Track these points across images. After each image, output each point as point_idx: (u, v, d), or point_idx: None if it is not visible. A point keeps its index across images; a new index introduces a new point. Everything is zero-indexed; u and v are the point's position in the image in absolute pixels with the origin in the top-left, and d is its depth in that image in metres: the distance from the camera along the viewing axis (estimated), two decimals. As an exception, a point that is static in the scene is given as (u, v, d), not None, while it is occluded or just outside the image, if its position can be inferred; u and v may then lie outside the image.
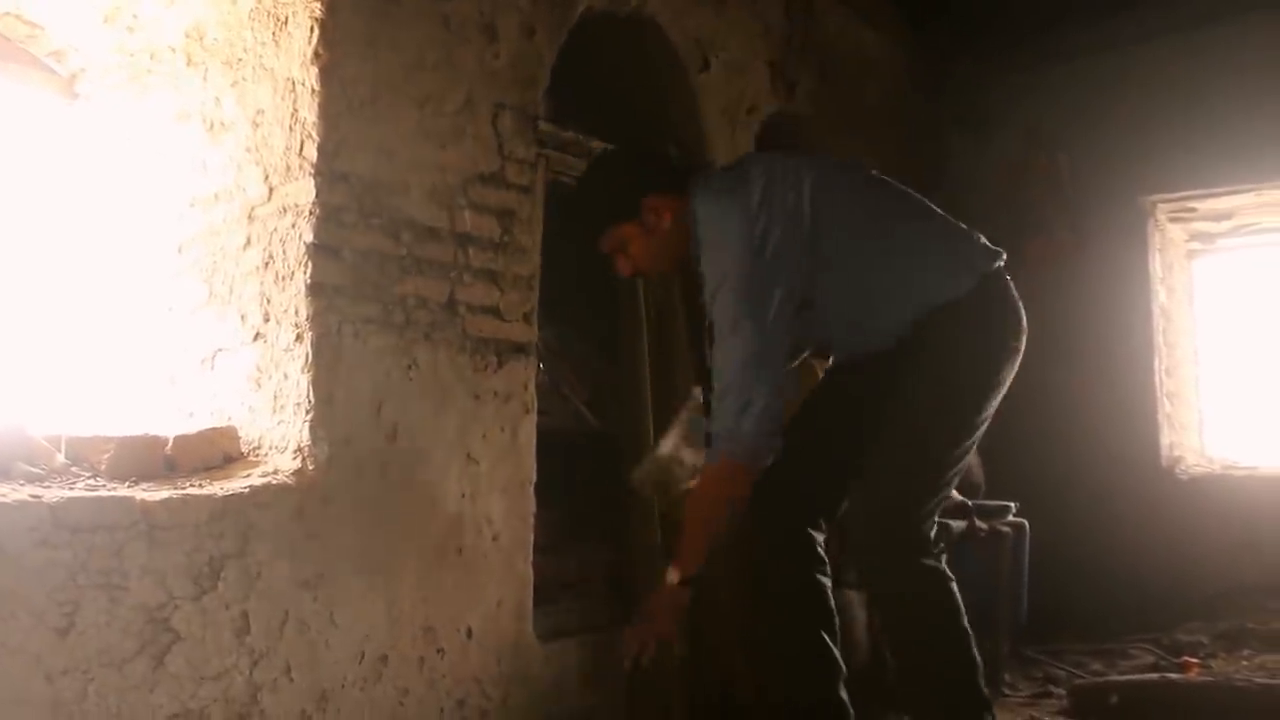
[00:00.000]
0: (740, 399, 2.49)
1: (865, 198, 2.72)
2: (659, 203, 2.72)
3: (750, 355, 2.51)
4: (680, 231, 2.72)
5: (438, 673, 2.64)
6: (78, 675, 1.95)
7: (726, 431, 2.52)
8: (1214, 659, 4.06)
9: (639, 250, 2.76)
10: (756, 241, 2.53)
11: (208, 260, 2.61)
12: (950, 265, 2.64)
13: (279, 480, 2.34)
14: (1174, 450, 5.35)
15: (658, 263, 2.81)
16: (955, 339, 2.58)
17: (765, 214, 2.55)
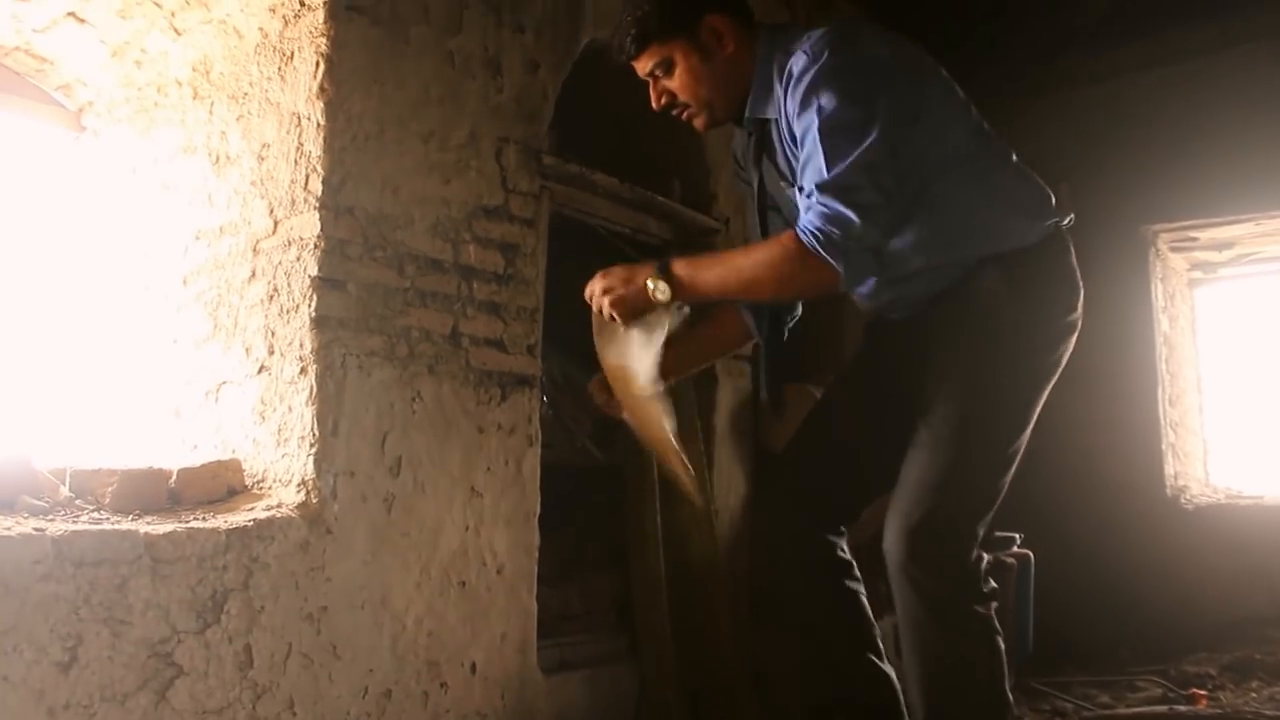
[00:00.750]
0: (854, 195, 2.08)
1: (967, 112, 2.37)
2: (723, 25, 2.34)
3: (875, 160, 2.10)
4: (740, 73, 2.35)
5: (441, 708, 2.62)
6: (80, 710, 1.94)
7: (838, 227, 2.08)
8: (1222, 690, 4.04)
9: (687, 74, 2.34)
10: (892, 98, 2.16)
11: (213, 293, 2.62)
12: (1023, 209, 2.31)
13: (283, 513, 2.34)
14: (1179, 479, 5.34)
15: (707, 93, 2.37)
16: (1012, 294, 2.25)
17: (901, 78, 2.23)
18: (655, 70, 2.37)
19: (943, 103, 2.31)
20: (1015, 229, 2.28)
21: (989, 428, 2.27)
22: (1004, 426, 2.29)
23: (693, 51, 2.34)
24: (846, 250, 2.09)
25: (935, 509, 2.20)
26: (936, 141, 2.25)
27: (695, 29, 2.33)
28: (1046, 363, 2.38)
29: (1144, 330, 5.36)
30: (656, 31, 2.33)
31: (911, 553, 2.21)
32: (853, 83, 2.16)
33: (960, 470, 2.23)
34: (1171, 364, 5.49)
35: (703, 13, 2.34)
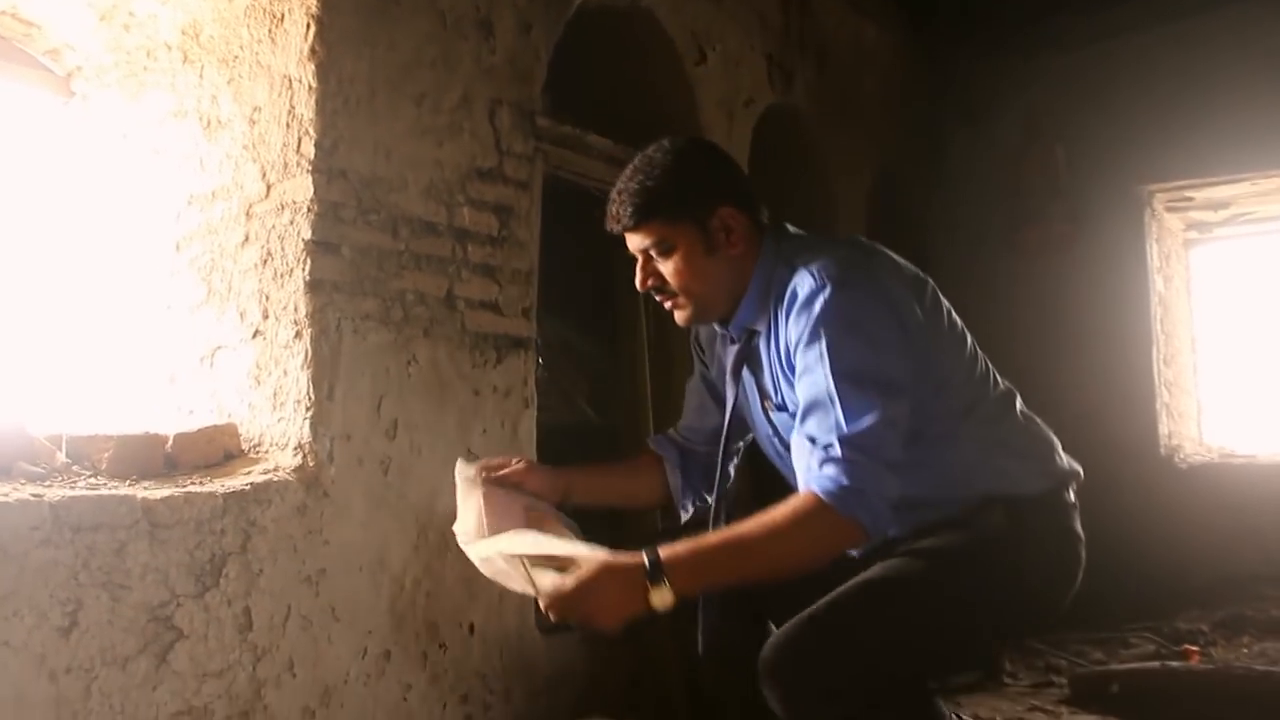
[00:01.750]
0: (882, 452, 1.92)
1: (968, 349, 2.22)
2: (736, 220, 2.13)
3: (897, 416, 1.96)
4: (741, 274, 2.15)
5: (440, 668, 2.64)
6: (81, 674, 1.95)
7: (869, 484, 1.91)
8: (1214, 646, 4.08)
9: (685, 264, 2.12)
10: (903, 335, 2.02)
11: (206, 258, 2.61)
12: (1026, 457, 2.16)
13: (280, 477, 2.35)
14: (1172, 439, 5.37)
15: (701, 289, 2.15)
16: (1018, 539, 2.07)
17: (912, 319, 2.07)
18: (651, 249, 2.14)
19: (947, 340, 2.17)
20: (1018, 475, 2.12)
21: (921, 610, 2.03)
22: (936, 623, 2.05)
23: (698, 241, 2.11)
24: (874, 507, 1.91)
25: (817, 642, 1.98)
26: (941, 383, 2.11)
27: (706, 217, 2.10)
28: (1034, 607, 2.19)
29: (1139, 290, 5.37)
30: (663, 210, 2.09)
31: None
32: (868, 325, 1.99)
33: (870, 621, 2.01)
34: (1166, 324, 5.50)
35: (719, 202, 2.11)
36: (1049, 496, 2.14)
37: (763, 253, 2.16)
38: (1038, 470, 2.15)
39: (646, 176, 2.11)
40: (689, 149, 2.17)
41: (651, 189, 2.09)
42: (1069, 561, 2.18)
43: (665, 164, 2.11)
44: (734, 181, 2.20)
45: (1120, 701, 3.40)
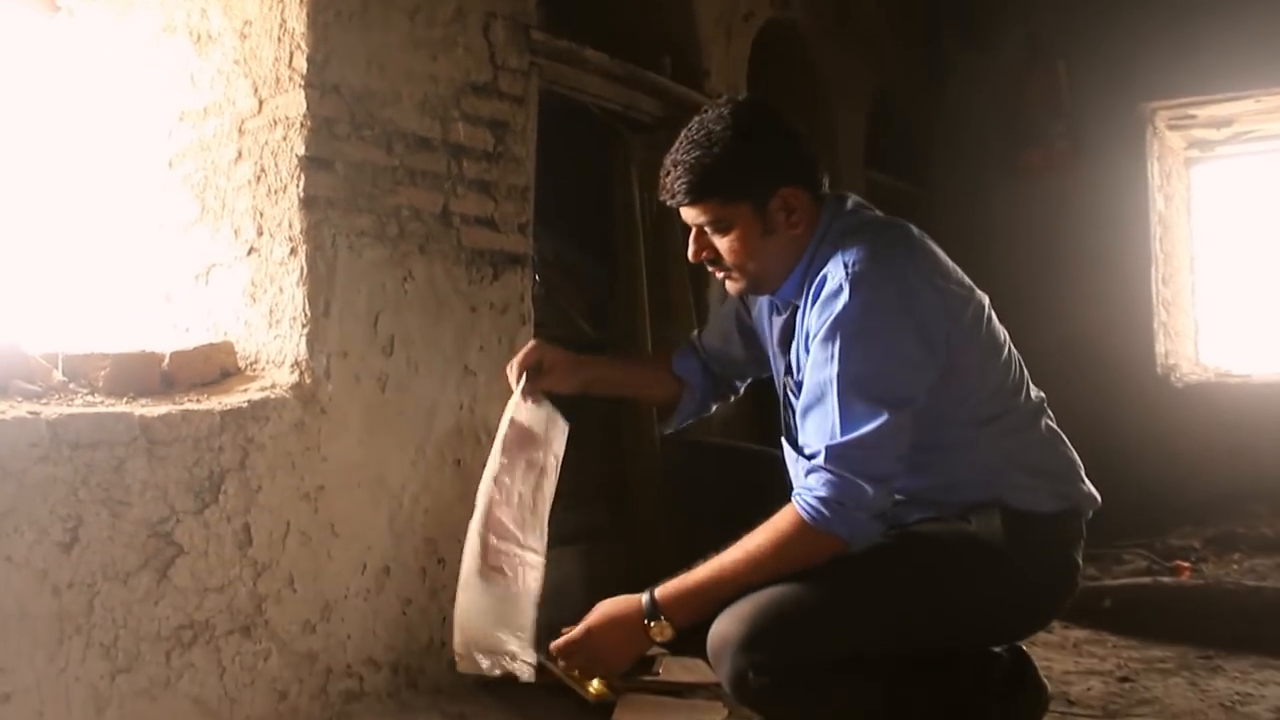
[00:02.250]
0: (871, 466, 1.93)
1: (1002, 358, 2.17)
2: (797, 200, 2.08)
3: (896, 430, 1.94)
4: (797, 251, 2.11)
5: (439, 583, 2.67)
6: (83, 589, 1.97)
7: (848, 499, 1.93)
8: (1205, 563, 4.12)
9: (742, 243, 2.09)
10: (927, 335, 2.00)
11: (199, 175, 2.58)
12: (1042, 475, 2.13)
13: (277, 394, 2.35)
14: (1169, 358, 5.38)
15: (757, 267, 2.12)
16: (1014, 549, 2.04)
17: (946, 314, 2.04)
18: (707, 225, 2.10)
19: (981, 350, 2.12)
20: (1030, 491, 2.09)
21: (897, 597, 2.03)
22: (909, 610, 2.04)
23: (756, 221, 2.07)
24: (853, 520, 1.93)
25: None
26: (967, 392, 2.08)
27: (766, 199, 2.06)
28: (1008, 621, 2.15)
29: (1139, 210, 5.35)
30: (721, 189, 2.05)
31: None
32: (884, 332, 1.95)
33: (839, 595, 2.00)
34: (1165, 243, 5.48)
35: (781, 183, 2.06)
36: (1057, 518, 2.11)
37: (819, 227, 2.11)
38: (1050, 490, 2.11)
39: (705, 152, 2.04)
40: (749, 122, 2.06)
41: (709, 167, 2.03)
42: (1059, 588, 2.16)
43: (724, 138, 2.03)
44: (797, 158, 2.11)
45: (1112, 616, 3.44)
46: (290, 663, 2.33)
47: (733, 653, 1.95)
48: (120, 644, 2.02)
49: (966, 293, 2.13)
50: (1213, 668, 3.01)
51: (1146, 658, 3.13)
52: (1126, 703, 2.72)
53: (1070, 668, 3.03)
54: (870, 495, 1.92)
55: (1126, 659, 3.12)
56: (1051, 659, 3.07)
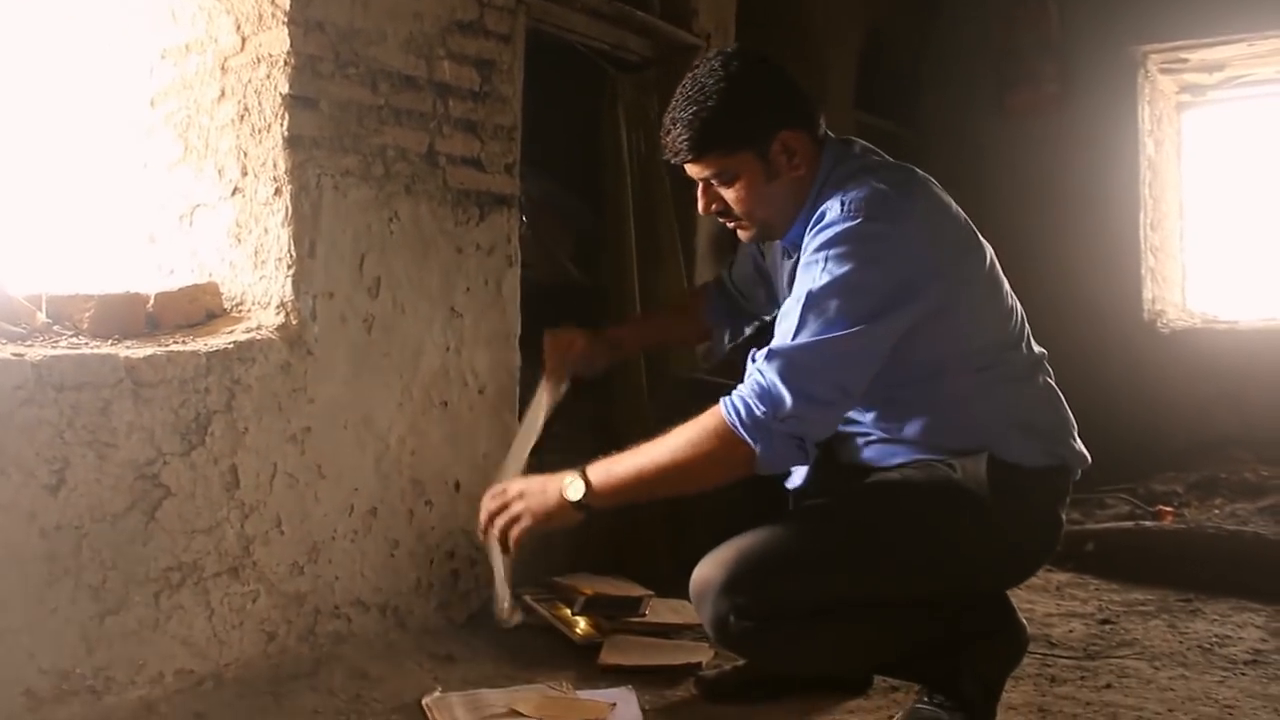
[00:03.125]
0: (804, 379, 1.91)
1: (1004, 311, 2.18)
2: (798, 142, 2.11)
3: (850, 350, 1.94)
4: (803, 193, 2.12)
5: (426, 525, 2.68)
6: (71, 531, 1.97)
7: (760, 392, 1.93)
8: (1187, 507, 4.16)
9: (748, 191, 2.11)
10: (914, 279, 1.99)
11: (181, 114, 2.55)
12: (1034, 431, 2.12)
13: (263, 335, 2.34)
14: (1156, 304, 5.39)
15: (765, 213, 2.15)
16: (998, 499, 2.04)
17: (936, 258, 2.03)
18: (710, 179, 2.13)
19: (981, 297, 2.12)
20: (1021, 446, 2.08)
21: (884, 543, 2.05)
22: (896, 553, 2.06)
23: (759, 168, 2.09)
24: (769, 432, 1.91)
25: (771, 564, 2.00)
26: (963, 338, 2.08)
27: (766, 144, 2.08)
28: (989, 571, 2.15)
29: (1128, 154, 5.32)
30: (721, 141, 2.07)
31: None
32: (870, 265, 1.95)
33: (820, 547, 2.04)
34: (1155, 188, 5.46)
35: (779, 126, 2.08)
36: (1045, 473, 2.11)
37: (821, 169, 2.13)
38: (1041, 448, 2.11)
39: (700, 107, 2.05)
40: (742, 71, 2.08)
41: (707, 120, 2.05)
42: (1041, 544, 2.18)
43: (719, 90, 2.05)
44: (792, 101, 2.13)
45: (1095, 559, 3.48)
46: (278, 604, 2.34)
47: (714, 596, 1.98)
48: (109, 585, 2.03)
49: (967, 239, 2.13)
50: (1192, 610, 3.05)
51: (1127, 600, 3.17)
52: (1107, 644, 2.75)
53: (1052, 610, 3.06)
54: (789, 408, 1.89)
55: (1108, 601, 3.16)
56: (1034, 601, 3.10)
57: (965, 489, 2.05)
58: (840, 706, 2.28)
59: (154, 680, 2.10)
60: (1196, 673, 2.53)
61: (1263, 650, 2.69)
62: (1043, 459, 2.11)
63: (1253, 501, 4.06)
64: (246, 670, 2.27)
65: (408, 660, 2.50)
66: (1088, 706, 2.30)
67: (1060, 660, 2.61)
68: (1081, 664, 2.59)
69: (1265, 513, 3.86)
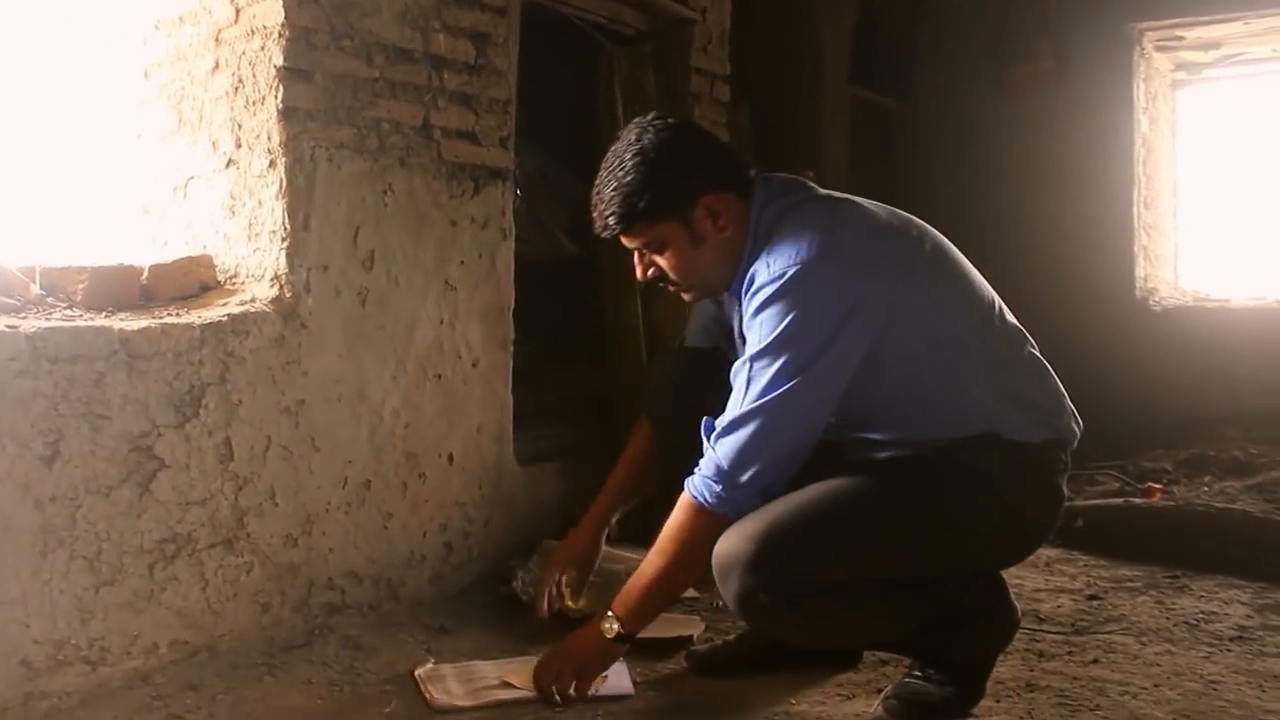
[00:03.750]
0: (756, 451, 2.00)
1: (968, 298, 2.18)
2: (721, 204, 2.13)
3: (801, 401, 2.00)
4: (737, 248, 2.15)
5: (420, 497, 2.69)
6: (66, 502, 1.98)
7: (724, 479, 2.02)
8: (1176, 485, 4.17)
9: (677, 258, 2.15)
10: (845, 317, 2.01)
11: (175, 86, 2.54)
12: (1027, 406, 2.13)
13: (257, 308, 2.34)
14: (1148, 282, 5.40)
15: (699, 276, 2.19)
16: (1007, 477, 2.07)
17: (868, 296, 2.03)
18: (643, 248, 2.18)
19: (945, 291, 2.13)
20: (1019, 423, 2.10)
21: (899, 515, 2.08)
22: (909, 528, 2.08)
23: (685, 235, 2.12)
24: (734, 500, 2.03)
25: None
26: (937, 337, 2.09)
27: (689, 212, 2.11)
28: (1002, 548, 2.20)
29: (1123, 132, 5.32)
30: (644, 214, 2.10)
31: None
32: (802, 304, 1.98)
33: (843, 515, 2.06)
34: (1149, 166, 5.47)
35: (700, 193, 2.11)
36: (1046, 448, 2.14)
37: (752, 214, 2.15)
38: (1038, 421, 2.13)
39: (619, 182, 2.10)
40: (657, 142, 2.11)
41: (628, 195, 2.09)
42: (1046, 517, 2.21)
43: (635, 165, 2.10)
44: (711, 163, 2.17)
45: (1084, 536, 3.49)
46: (272, 576, 2.35)
47: (741, 572, 2.00)
48: (103, 557, 2.03)
49: (902, 243, 2.14)
50: (1179, 587, 3.07)
51: (1116, 576, 3.19)
52: (1094, 620, 2.77)
53: (1041, 585, 3.08)
54: (744, 479, 2.01)
55: (1096, 578, 3.18)
56: (1023, 577, 3.12)
57: (978, 470, 2.08)
58: (830, 680, 2.30)
59: (148, 651, 2.12)
60: (1182, 648, 2.55)
61: (1248, 626, 2.71)
62: (1040, 433, 2.13)
63: (1241, 479, 4.08)
64: (240, 641, 2.28)
65: (401, 631, 2.51)
66: (1075, 681, 2.32)
67: (1048, 635, 2.63)
68: (1069, 639, 2.61)
69: (1253, 490, 3.88)
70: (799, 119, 4.88)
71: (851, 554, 2.04)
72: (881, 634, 2.20)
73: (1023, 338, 2.22)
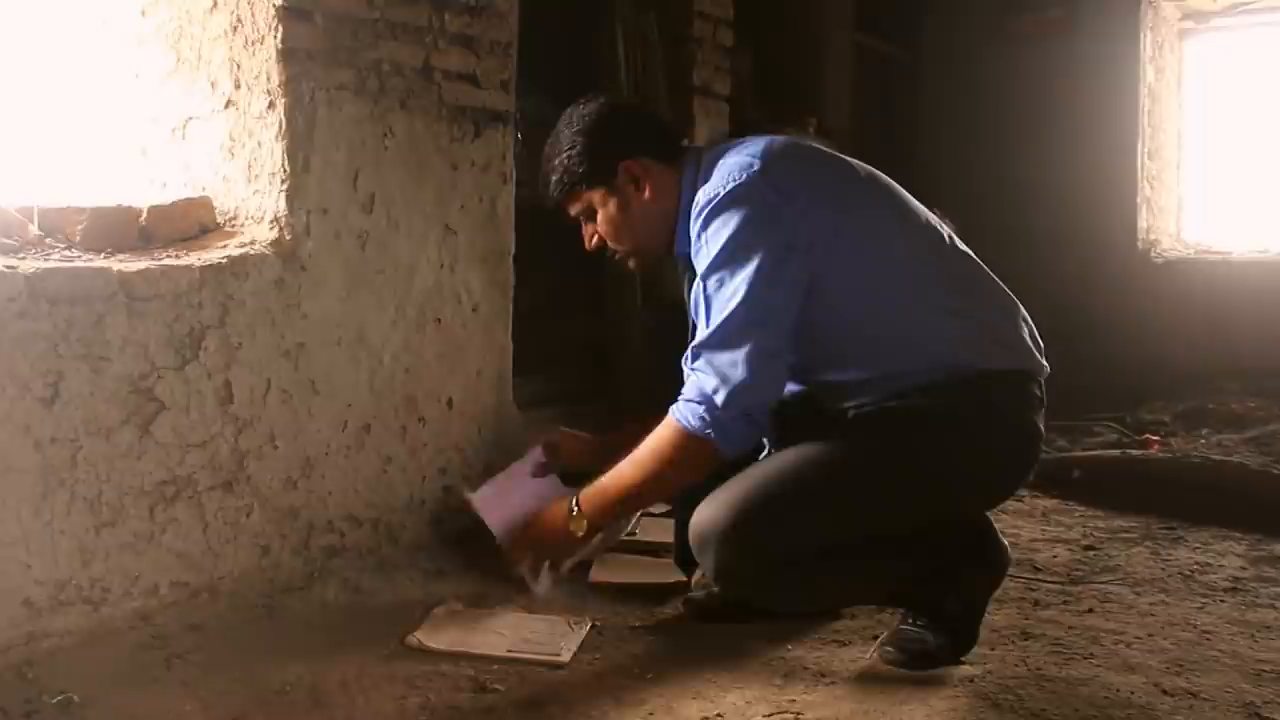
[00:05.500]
0: (723, 363, 2.00)
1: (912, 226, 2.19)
2: (640, 169, 2.22)
3: (764, 317, 2.01)
4: (666, 211, 2.22)
5: (419, 441, 2.69)
6: (66, 444, 1.98)
7: (707, 401, 2.00)
8: (1174, 437, 4.19)
9: (607, 222, 2.25)
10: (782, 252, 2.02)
11: (173, 25, 2.51)
12: (991, 334, 2.14)
13: (256, 250, 2.33)
14: (1150, 234, 5.38)
15: (630, 239, 2.27)
16: (981, 415, 2.07)
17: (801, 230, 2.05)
18: (580, 216, 2.29)
19: (884, 220, 2.16)
20: (977, 347, 2.10)
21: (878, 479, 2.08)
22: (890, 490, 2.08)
23: (610, 199, 2.24)
24: (719, 423, 2.00)
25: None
26: (887, 260, 2.11)
27: (610, 176, 2.22)
28: (985, 489, 2.21)
29: (1129, 81, 5.28)
30: (573, 181, 2.24)
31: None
32: (743, 215, 2.03)
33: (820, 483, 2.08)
34: (1154, 117, 5.43)
35: (618, 158, 2.22)
36: (1015, 379, 2.13)
37: (685, 176, 2.23)
38: (1003, 348, 2.13)
39: (554, 155, 2.26)
40: (583, 116, 2.26)
41: (560, 166, 2.24)
42: (1020, 452, 2.19)
43: (566, 139, 2.25)
44: (633, 132, 2.27)
45: (1081, 486, 3.51)
46: (272, 518, 2.36)
47: (718, 544, 2.02)
48: (104, 498, 2.04)
49: (839, 173, 2.20)
50: (1175, 538, 3.09)
51: (1112, 527, 3.21)
52: (1090, 570, 2.79)
53: (1037, 536, 3.10)
54: (724, 396, 1.99)
55: (1092, 528, 3.20)
56: (1020, 527, 3.14)
57: (944, 413, 2.07)
58: (827, 627, 2.31)
59: (149, 592, 2.13)
60: (1177, 599, 2.57)
61: (1242, 578, 2.73)
62: (1006, 359, 2.13)
63: (1239, 432, 4.10)
64: (241, 583, 2.30)
65: (399, 574, 2.53)
66: (1070, 630, 2.34)
67: (1044, 585, 2.65)
68: (1065, 589, 2.63)
69: (1251, 443, 3.90)
70: (802, 65, 4.84)
71: (828, 518, 2.05)
72: (865, 594, 2.24)
73: (980, 268, 2.22)
